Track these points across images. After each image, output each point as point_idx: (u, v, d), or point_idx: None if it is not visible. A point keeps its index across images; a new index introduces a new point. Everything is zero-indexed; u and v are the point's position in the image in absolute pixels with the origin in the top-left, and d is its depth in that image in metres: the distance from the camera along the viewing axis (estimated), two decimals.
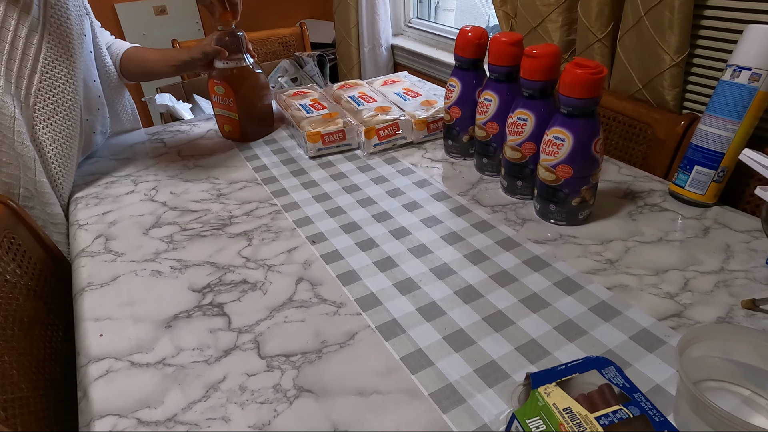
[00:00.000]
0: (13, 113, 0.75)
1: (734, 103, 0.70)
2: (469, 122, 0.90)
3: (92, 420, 0.48)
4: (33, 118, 0.79)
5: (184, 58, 0.98)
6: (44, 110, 0.80)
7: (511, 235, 0.72)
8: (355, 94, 1.09)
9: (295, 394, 0.50)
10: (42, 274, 0.74)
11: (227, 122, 1.01)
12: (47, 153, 0.82)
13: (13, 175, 0.77)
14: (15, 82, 0.75)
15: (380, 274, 0.66)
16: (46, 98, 0.80)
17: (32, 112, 0.79)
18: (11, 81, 0.75)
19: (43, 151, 0.81)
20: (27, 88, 0.77)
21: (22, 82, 0.76)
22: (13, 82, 0.75)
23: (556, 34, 1.14)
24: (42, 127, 0.81)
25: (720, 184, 0.75)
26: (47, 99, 0.80)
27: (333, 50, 2.23)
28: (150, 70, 1.01)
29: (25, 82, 0.77)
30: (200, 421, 0.48)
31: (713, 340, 0.47)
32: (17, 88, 0.76)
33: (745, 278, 0.62)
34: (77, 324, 0.61)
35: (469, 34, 0.84)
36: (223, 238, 0.74)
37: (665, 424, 0.41)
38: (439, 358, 0.53)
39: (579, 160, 0.68)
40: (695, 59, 0.94)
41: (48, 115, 0.81)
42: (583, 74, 0.64)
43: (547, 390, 0.44)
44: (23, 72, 0.76)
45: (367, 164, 0.93)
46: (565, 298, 0.60)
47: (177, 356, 0.55)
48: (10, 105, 0.75)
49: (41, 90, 0.79)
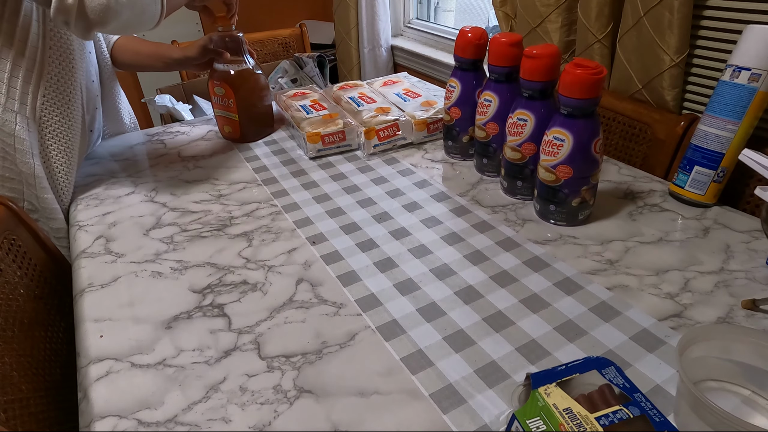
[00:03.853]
0: (13, 131, 0.74)
1: (734, 104, 0.70)
2: (469, 123, 0.90)
3: (92, 421, 0.48)
4: (41, 132, 0.79)
5: (176, 56, 0.98)
6: (51, 123, 0.80)
7: (511, 235, 0.72)
8: (355, 95, 1.09)
9: (295, 395, 0.50)
10: (42, 276, 0.74)
11: (227, 123, 1.01)
12: (54, 165, 0.82)
13: (17, 190, 0.78)
14: (19, 98, 0.75)
15: (380, 274, 0.66)
16: (51, 111, 0.80)
17: (39, 127, 0.79)
18: (15, 98, 0.74)
19: (50, 163, 0.81)
20: (32, 104, 0.76)
21: (27, 98, 0.76)
22: (17, 99, 0.75)
23: (555, 34, 1.14)
24: (50, 138, 0.80)
25: (720, 185, 0.75)
26: (53, 112, 0.80)
27: (333, 51, 2.23)
28: (141, 63, 1.00)
29: (30, 97, 0.76)
30: (200, 421, 0.48)
31: (713, 340, 0.47)
32: (22, 104, 0.75)
33: (745, 278, 0.62)
34: (77, 325, 0.61)
35: (468, 34, 0.84)
36: (224, 238, 0.74)
37: (665, 425, 0.41)
38: (439, 359, 0.53)
39: (579, 161, 0.69)
40: (695, 59, 0.94)
41: (54, 127, 0.81)
42: (582, 75, 0.64)
43: (547, 390, 0.44)
44: (27, 88, 0.76)
45: (367, 165, 0.93)
46: (565, 298, 0.60)
47: (177, 357, 0.55)
48: (11, 122, 0.74)
49: (46, 105, 0.79)
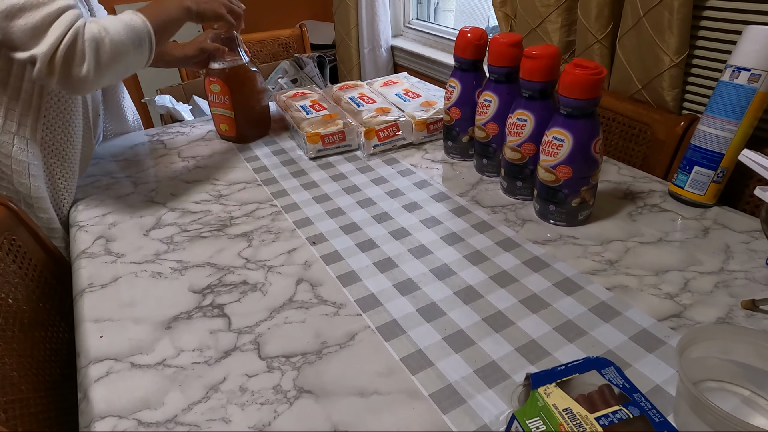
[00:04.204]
0: (10, 152, 0.74)
1: (734, 104, 0.70)
2: (468, 123, 0.90)
3: (92, 421, 0.48)
4: (43, 152, 0.79)
5: (177, 55, 0.98)
6: (53, 143, 0.80)
7: (511, 235, 0.72)
8: (355, 95, 1.09)
9: (295, 395, 0.50)
10: (42, 276, 0.74)
11: (224, 121, 1.01)
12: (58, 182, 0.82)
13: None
14: (18, 120, 0.75)
15: (380, 274, 0.66)
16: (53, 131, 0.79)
17: (41, 147, 0.78)
18: (14, 120, 0.74)
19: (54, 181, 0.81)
20: (32, 125, 0.76)
21: (26, 120, 0.75)
22: (15, 120, 0.74)
23: (555, 34, 1.14)
24: (52, 157, 0.80)
25: (720, 185, 0.75)
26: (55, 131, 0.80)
27: (333, 51, 2.23)
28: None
29: (30, 119, 0.76)
30: (200, 422, 0.48)
31: (713, 340, 0.48)
32: (21, 125, 0.75)
33: (745, 279, 0.62)
34: (77, 325, 0.61)
35: (468, 35, 0.84)
36: (223, 239, 0.74)
37: (665, 425, 0.41)
38: (439, 359, 0.53)
39: (579, 161, 0.69)
40: (694, 60, 0.94)
41: (57, 146, 0.80)
42: (582, 75, 0.64)
43: (547, 390, 0.44)
44: (27, 110, 0.75)
45: (367, 165, 0.93)
46: (565, 298, 0.60)
47: (177, 357, 0.55)
48: (9, 144, 0.74)
49: (47, 125, 0.78)
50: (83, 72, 0.67)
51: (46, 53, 0.65)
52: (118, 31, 0.69)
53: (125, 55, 0.71)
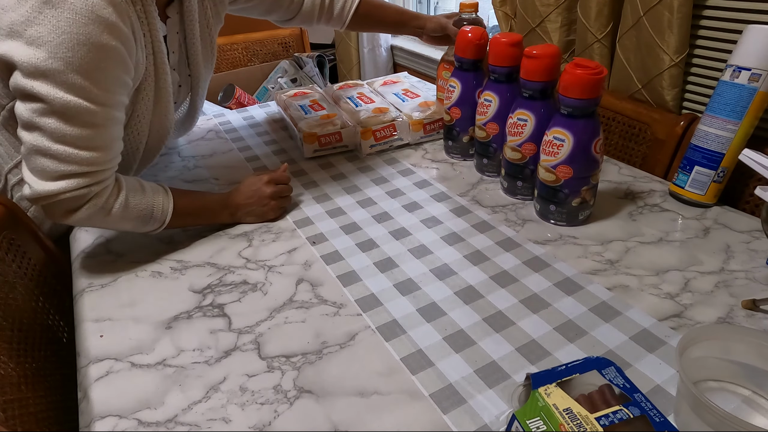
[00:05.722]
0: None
1: (734, 104, 0.70)
2: (469, 123, 0.90)
3: (92, 421, 0.48)
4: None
5: (414, 24, 1.01)
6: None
7: (512, 235, 0.72)
8: (353, 95, 1.09)
9: (295, 395, 0.50)
10: (42, 275, 0.74)
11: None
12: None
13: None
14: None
15: (380, 274, 0.66)
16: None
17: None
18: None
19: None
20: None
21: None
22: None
23: (555, 34, 1.14)
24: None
25: (720, 185, 0.75)
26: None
27: (332, 51, 2.23)
28: (378, 30, 1.14)
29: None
30: (201, 421, 0.48)
31: (713, 340, 0.47)
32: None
33: (745, 278, 0.62)
34: (77, 325, 0.61)
35: (469, 34, 0.84)
36: (224, 238, 0.74)
37: (665, 425, 0.41)
38: (439, 359, 0.53)
39: (579, 161, 0.68)
40: (695, 59, 0.94)
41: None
42: (582, 75, 0.64)
43: (547, 390, 0.44)
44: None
45: (367, 165, 0.93)
46: (565, 298, 0.60)
47: (177, 357, 0.55)
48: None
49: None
50: (69, 219, 0.62)
51: (43, 193, 0.59)
52: (126, 214, 0.65)
53: (123, 228, 0.68)
